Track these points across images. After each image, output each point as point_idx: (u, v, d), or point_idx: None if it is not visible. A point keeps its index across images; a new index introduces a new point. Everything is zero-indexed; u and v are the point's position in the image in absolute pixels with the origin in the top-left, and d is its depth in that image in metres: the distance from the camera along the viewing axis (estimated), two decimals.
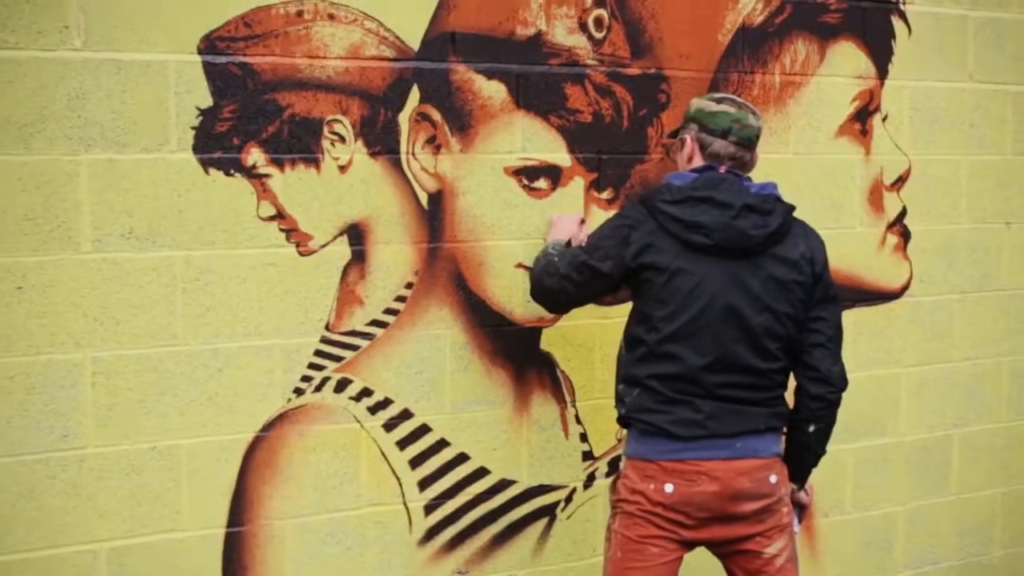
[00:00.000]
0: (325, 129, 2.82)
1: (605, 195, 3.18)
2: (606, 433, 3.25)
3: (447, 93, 2.95)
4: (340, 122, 2.84)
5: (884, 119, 3.59)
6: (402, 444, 3.00)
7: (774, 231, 2.63)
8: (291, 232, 2.82)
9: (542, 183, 3.09)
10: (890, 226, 3.65)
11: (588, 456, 3.24)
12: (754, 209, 2.62)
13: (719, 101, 2.72)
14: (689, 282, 2.60)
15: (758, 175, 3.27)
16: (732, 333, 2.61)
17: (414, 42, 2.91)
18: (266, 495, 2.85)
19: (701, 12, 3.26)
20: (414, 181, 2.94)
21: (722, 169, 2.67)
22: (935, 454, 3.83)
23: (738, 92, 3.32)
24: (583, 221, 3.05)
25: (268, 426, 2.83)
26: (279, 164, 2.79)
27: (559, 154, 3.10)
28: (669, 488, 2.60)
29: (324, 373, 2.88)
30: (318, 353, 2.87)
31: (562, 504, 3.21)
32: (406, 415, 2.99)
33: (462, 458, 3.07)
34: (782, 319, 2.65)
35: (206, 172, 2.71)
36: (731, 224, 2.59)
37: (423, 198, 2.95)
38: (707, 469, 2.60)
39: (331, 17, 2.81)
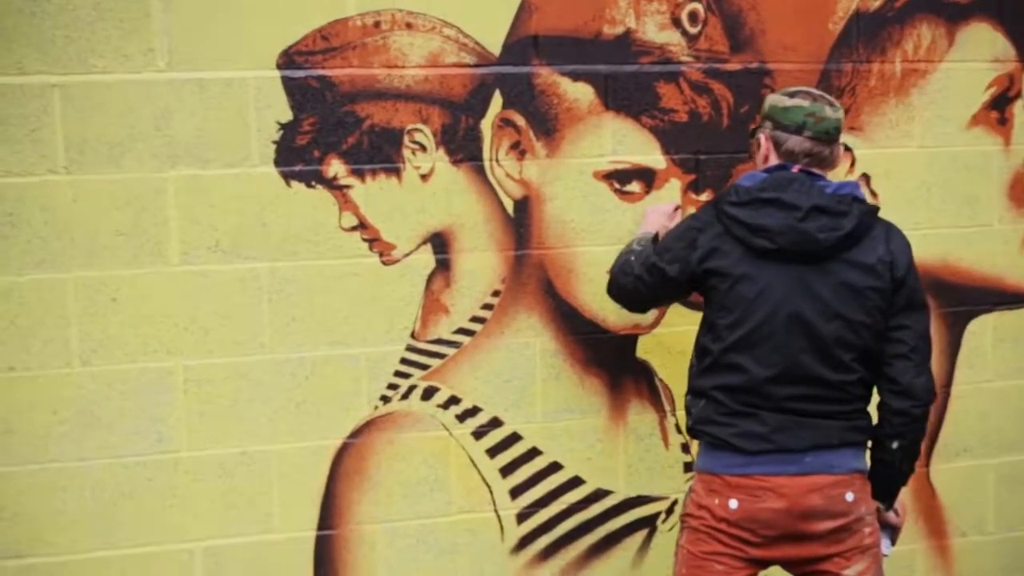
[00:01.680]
0: (406, 138, 2.65)
1: (704, 197, 2.84)
2: None
3: (530, 97, 2.71)
4: (420, 131, 2.65)
5: None
6: (492, 452, 2.78)
7: (847, 234, 2.26)
8: (374, 242, 2.66)
9: (635, 186, 2.80)
10: None
11: (690, 467, 2.92)
12: (825, 211, 2.26)
13: (792, 95, 2.36)
14: (753, 289, 2.28)
15: (875, 170, 2.91)
16: (799, 342, 2.27)
17: (495, 47, 2.68)
18: (355, 500, 2.71)
19: (808, 0, 2.88)
20: (499, 188, 2.72)
21: (796, 168, 2.32)
22: None
23: (853, 83, 2.91)
24: (678, 208, 2.74)
25: (356, 433, 2.68)
26: (360, 175, 2.63)
27: (653, 156, 2.80)
28: (733, 504, 2.28)
29: (410, 381, 2.71)
30: (404, 361, 2.70)
31: (663, 516, 2.90)
32: (496, 423, 2.77)
33: (555, 467, 2.81)
34: (856, 328, 2.28)
35: (288, 185, 2.59)
36: (797, 227, 2.25)
37: (508, 205, 2.73)
38: (774, 485, 2.27)
39: (409, 26, 2.63)
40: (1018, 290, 3.12)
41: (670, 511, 2.90)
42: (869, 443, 2.37)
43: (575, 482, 2.84)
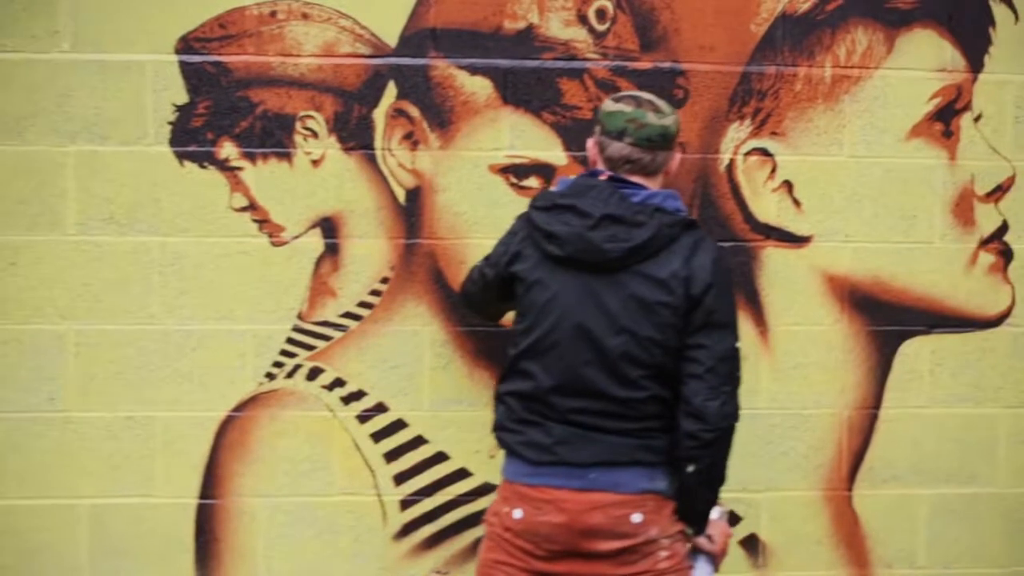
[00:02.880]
0: (298, 124, 2.57)
1: None
2: None
3: (426, 89, 2.59)
4: (313, 118, 2.57)
5: (977, 119, 2.74)
6: (376, 437, 2.66)
7: (637, 246, 2.04)
8: (263, 223, 2.59)
9: (533, 181, 2.62)
10: (984, 243, 2.76)
11: None
12: (618, 220, 2.05)
13: (618, 100, 2.16)
14: (544, 295, 2.10)
15: (800, 178, 2.65)
16: (584, 354, 2.06)
17: (391, 39, 2.57)
18: (237, 472, 2.64)
19: (729, 1, 2.63)
20: (390, 177, 2.61)
21: (604, 175, 2.12)
22: None
23: (776, 87, 2.67)
24: None
25: (240, 407, 2.62)
26: (251, 158, 2.57)
27: (553, 152, 2.62)
28: (518, 513, 2.10)
29: (296, 361, 2.62)
30: (290, 341, 2.62)
31: None
32: (381, 408, 2.65)
33: (441, 457, 2.67)
34: (644, 344, 2.05)
35: (181, 164, 2.56)
36: (584, 236, 2.05)
37: (400, 194, 2.61)
38: (555, 498, 2.07)
39: (305, 16, 2.55)
40: (960, 313, 2.77)
41: None
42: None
43: (462, 474, 2.69)
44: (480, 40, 2.59)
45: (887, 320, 2.75)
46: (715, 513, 2.23)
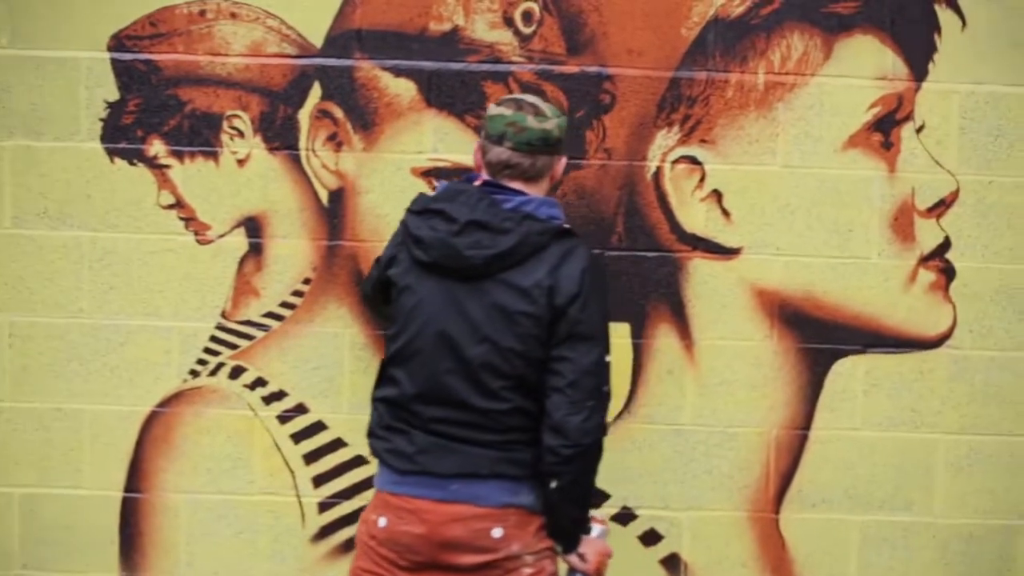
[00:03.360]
0: (224, 124, 2.56)
1: None
2: None
3: (350, 90, 2.55)
4: (239, 117, 2.55)
5: (919, 130, 2.60)
6: (296, 438, 2.62)
7: (500, 253, 1.96)
8: (190, 221, 2.59)
9: None
10: (924, 259, 2.61)
11: None
12: (484, 227, 1.97)
13: (501, 103, 2.09)
14: (411, 301, 2.03)
15: (730, 187, 2.54)
16: (445, 363, 1.99)
17: (317, 39, 2.55)
18: (161, 468, 2.63)
19: (658, 4, 2.54)
20: (314, 178, 2.57)
21: (480, 180, 2.06)
22: (990, 547, 2.69)
23: (706, 94, 2.56)
24: None
25: (165, 403, 2.61)
26: (179, 156, 2.57)
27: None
28: (382, 522, 2.03)
29: (219, 359, 2.61)
30: (214, 339, 2.60)
31: None
32: (301, 409, 2.62)
33: (360, 461, 2.62)
34: (505, 354, 1.97)
35: (112, 161, 2.56)
36: (448, 241, 1.98)
37: (323, 195, 2.58)
38: (416, 508, 2.00)
39: (233, 16, 2.54)
40: (898, 333, 2.62)
41: None
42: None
43: None
44: (405, 41, 2.55)
45: (819, 338, 2.61)
46: (595, 531, 2.14)
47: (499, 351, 1.97)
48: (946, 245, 2.61)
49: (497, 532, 1.97)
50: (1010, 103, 2.58)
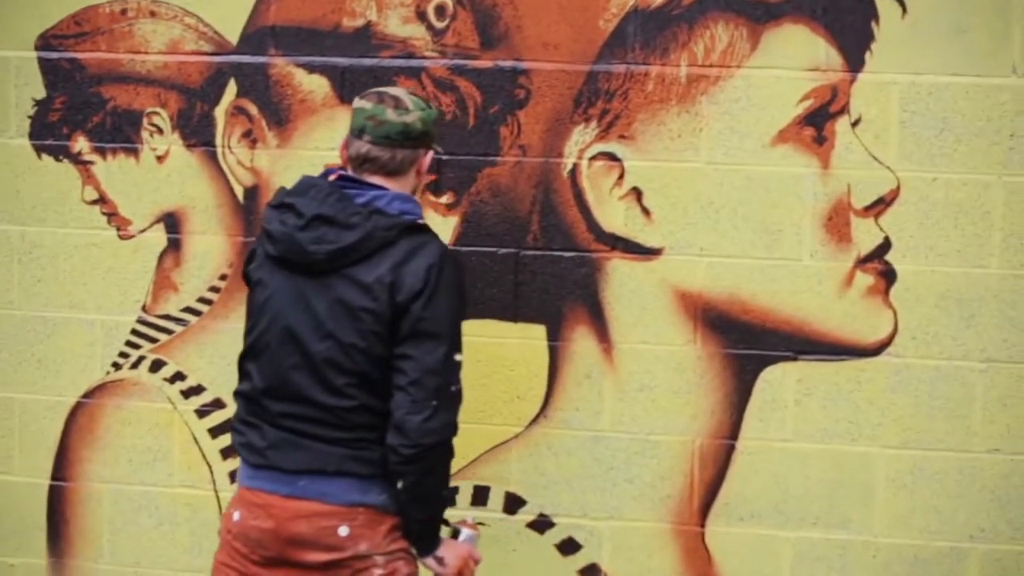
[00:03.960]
0: (144, 121, 2.53)
1: (444, 199, 2.46)
2: None
3: (264, 87, 2.49)
4: (158, 114, 2.52)
5: (855, 123, 2.38)
6: (214, 433, 2.58)
7: (343, 248, 1.88)
8: (112, 216, 2.57)
9: None
10: (862, 261, 2.38)
11: None
12: (330, 221, 1.89)
13: (363, 96, 2.01)
14: (263, 295, 1.97)
15: (650, 185, 2.38)
16: (291, 359, 1.92)
17: (233, 36, 2.50)
18: (86, 458, 2.62)
19: None
20: (230, 174, 2.52)
21: (334, 176, 1.98)
22: (936, 570, 2.43)
23: (625, 87, 2.40)
24: None
25: (89, 394, 2.60)
26: (102, 152, 2.56)
27: None
28: (236, 516, 1.97)
29: (140, 352, 2.58)
30: (135, 332, 2.58)
31: (450, 531, 2.55)
32: (219, 404, 2.56)
33: None
34: (348, 351, 1.89)
35: (39, 157, 2.57)
36: (293, 236, 1.91)
37: (239, 192, 2.52)
38: (265, 503, 1.92)
39: (153, 14, 2.51)
40: (832, 340, 2.40)
41: None
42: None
43: None
44: (318, 38, 2.47)
45: (747, 343, 2.42)
46: (463, 535, 2.03)
47: (342, 347, 1.89)
48: (886, 246, 2.39)
49: (343, 530, 1.89)
50: (955, 94, 2.35)
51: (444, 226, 2.46)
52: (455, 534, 2.05)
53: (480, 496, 2.51)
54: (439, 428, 1.86)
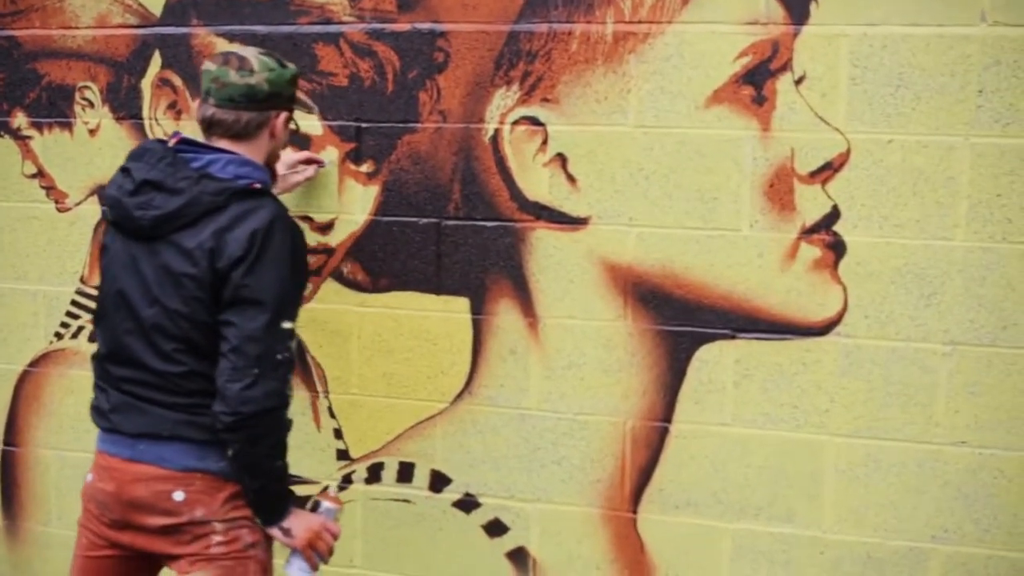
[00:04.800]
0: (77, 95, 2.47)
1: (365, 168, 2.30)
2: (365, 433, 2.39)
3: (187, 58, 2.38)
4: (89, 88, 2.46)
5: (799, 81, 2.09)
6: None
7: (168, 214, 1.79)
8: (50, 190, 2.53)
9: (288, 151, 2.34)
10: (807, 232, 2.11)
11: (344, 455, 2.40)
12: (158, 186, 1.80)
13: (211, 57, 1.91)
14: (105, 260, 1.92)
15: (575, 151, 2.18)
16: (125, 323, 1.86)
17: (156, 8, 2.39)
18: (34, 425, 2.60)
19: None
20: None
21: (174, 141, 1.88)
22: (892, 571, 2.15)
23: (548, 48, 2.18)
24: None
25: (34, 363, 2.58)
26: (39, 127, 2.51)
27: (307, 121, 2.31)
28: (88, 477, 1.96)
29: (79, 322, 2.54)
30: (74, 303, 2.54)
31: (313, 501, 2.44)
32: None
33: None
34: (173, 316, 1.81)
35: None
36: (121, 201, 1.83)
37: None
38: (109, 465, 1.90)
39: None
40: (774, 317, 2.14)
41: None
42: None
43: None
44: (238, 6, 2.34)
45: (681, 319, 2.19)
46: (321, 506, 1.96)
47: (167, 313, 1.82)
48: (834, 215, 2.10)
49: (179, 495, 1.83)
50: (913, 47, 2.04)
51: (364, 196, 2.31)
52: (315, 507, 1.97)
53: (405, 473, 2.37)
54: (260, 397, 1.77)
